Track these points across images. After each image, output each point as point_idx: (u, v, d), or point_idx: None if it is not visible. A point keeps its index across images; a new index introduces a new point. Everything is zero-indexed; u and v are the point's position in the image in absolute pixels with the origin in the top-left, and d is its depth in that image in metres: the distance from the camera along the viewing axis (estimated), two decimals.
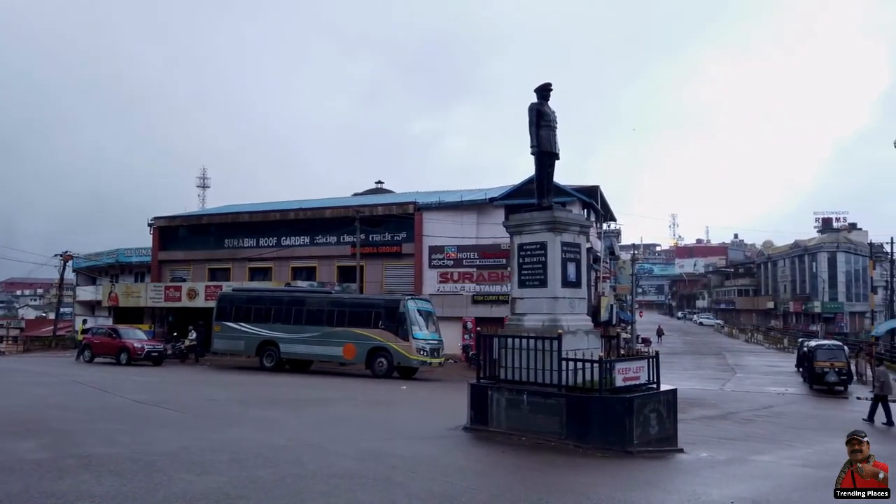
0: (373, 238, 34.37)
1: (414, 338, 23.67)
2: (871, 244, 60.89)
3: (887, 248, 48.15)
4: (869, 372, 25.29)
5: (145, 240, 41.67)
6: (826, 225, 77.67)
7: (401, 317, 23.91)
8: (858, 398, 22.67)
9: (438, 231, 33.12)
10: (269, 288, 30.91)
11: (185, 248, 39.14)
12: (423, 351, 23.78)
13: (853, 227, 77.02)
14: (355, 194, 47.09)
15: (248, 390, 18.22)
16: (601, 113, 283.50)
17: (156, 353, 26.93)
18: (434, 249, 33.39)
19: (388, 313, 24.27)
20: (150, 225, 39.94)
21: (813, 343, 31.54)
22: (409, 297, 25.74)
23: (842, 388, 25.91)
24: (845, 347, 30.73)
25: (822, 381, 26.18)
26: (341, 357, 24.76)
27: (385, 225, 34.74)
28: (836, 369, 26.24)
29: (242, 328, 26.15)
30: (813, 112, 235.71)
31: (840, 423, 18.27)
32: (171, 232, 40.01)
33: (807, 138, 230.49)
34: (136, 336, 27.99)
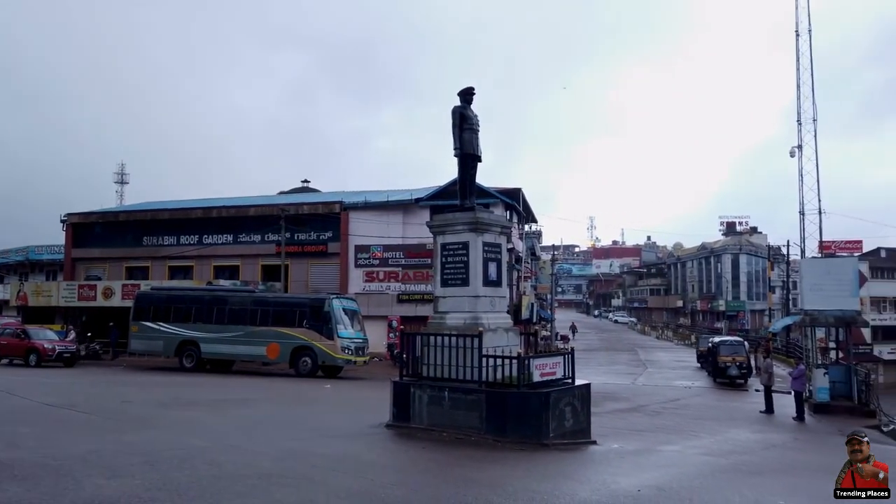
0: (298, 237, 33.78)
1: (339, 337, 23.40)
2: (769, 247, 64.52)
3: (784, 251, 51.08)
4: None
5: (58, 237, 39.52)
6: (730, 228, 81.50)
7: (326, 316, 23.60)
8: (757, 390, 23.96)
9: (364, 231, 32.90)
10: (190, 287, 29.87)
11: (100, 246, 37.28)
12: (348, 350, 23.55)
13: (754, 230, 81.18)
14: (281, 193, 46.13)
15: (166, 391, 17.52)
16: (525, 117, 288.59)
17: (68, 355, 25.53)
18: (360, 249, 33.16)
19: (313, 312, 23.91)
20: (63, 221, 37.84)
21: (716, 339, 33.12)
22: (335, 296, 25.45)
23: (742, 381, 27.31)
24: (746, 343, 32.42)
25: (724, 375, 27.53)
26: (265, 357, 24.22)
27: (311, 224, 34.21)
28: (738, 363, 27.67)
29: (161, 328, 25.17)
30: (723, 121, 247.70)
31: (740, 413, 19.32)
32: (86, 229, 38.05)
33: (716, 146, 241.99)
34: (47, 336, 26.46)
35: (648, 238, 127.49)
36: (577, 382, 11.22)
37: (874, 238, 69.96)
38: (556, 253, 62.05)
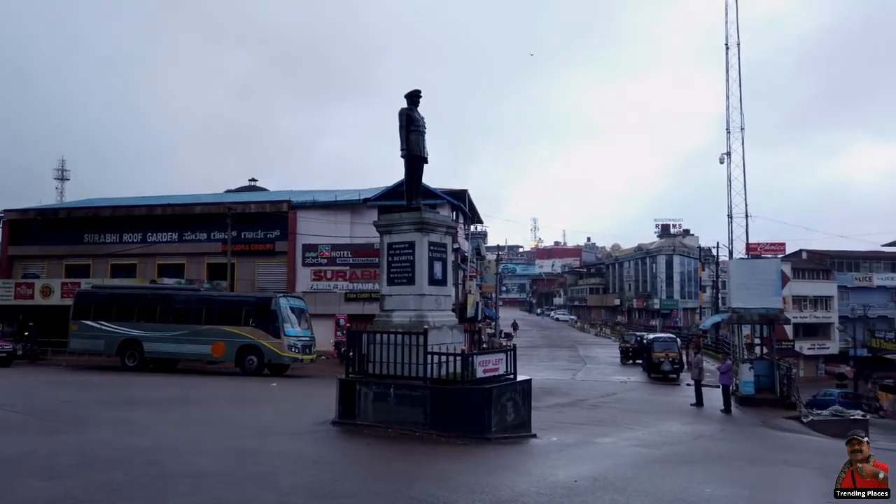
0: (245, 236, 33.09)
1: (286, 335, 23.04)
2: (700, 248, 66.70)
3: (714, 252, 52.88)
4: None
5: None
6: (664, 230, 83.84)
7: (272, 314, 23.20)
8: (688, 384, 24.74)
9: (312, 230, 32.51)
10: (133, 285, 28.90)
11: (39, 244, 35.63)
12: (295, 348, 23.21)
13: (687, 232, 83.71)
14: (228, 191, 45.08)
15: (107, 391, 16.90)
16: (475, 120, 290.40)
17: (3, 354, 24.34)
18: (308, 248, 32.75)
19: (260, 311, 23.48)
20: None
21: (651, 336, 34.04)
22: (282, 294, 25.03)
23: (675, 376, 28.16)
24: (678, 340, 33.44)
25: (658, 370, 28.33)
26: (210, 355, 23.63)
27: (258, 223, 33.57)
28: (670, 359, 28.53)
29: (102, 327, 24.25)
30: (660, 128, 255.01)
31: (672, 406, 19.91)
32: (23, 226, 36.30)
33: (655, 152, 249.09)
34: None
35: (588, 239, 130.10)
36: (519, 378, 11.35)
37: (797, 241, 73.02)
38: (500, 253, 62.77)
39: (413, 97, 11.76)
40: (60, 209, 39.07)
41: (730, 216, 31.73)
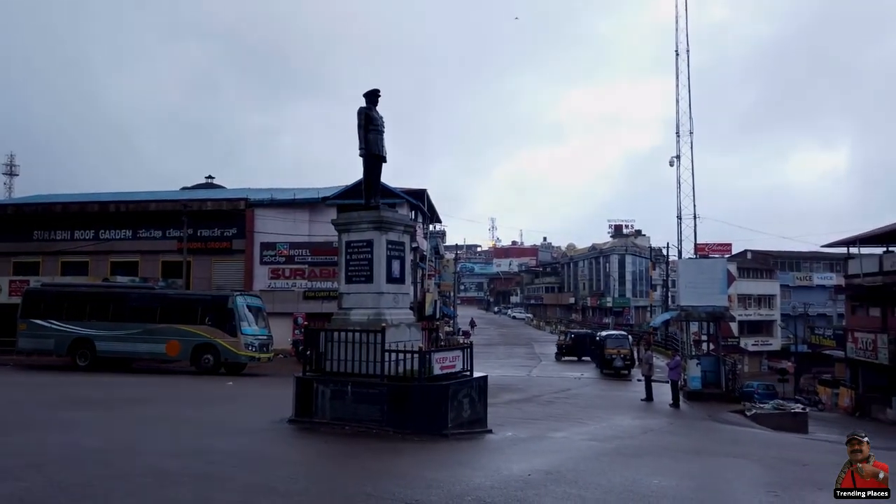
0: (201, 233, 32.39)
1: (242, 333, 22.68)
2: (651, 248, 68.06)
3: (665, 252, 54.07)
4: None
5: None
6: (617, 231, 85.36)
7: (229, 313, 22.81)
8: (639, 380, 25.28)
9: (270, 228, 32.05)
10: (85, 283, 28.02)
11: None
12: (252, 346, 22.86)
13: (638, 233, 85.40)
14: (184, 188, 44.03)
15: (57, 391, 16.34)
16: (436, 121, 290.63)
17: None
18: (266, 246, 32.27)
19: (216, 309, 23.06)
20: None
21: (604, 333, 34.60)
22: (239, 293, 24.63)
23: (626, 372, 28.72)
24: (629, 337, 34.10)
25: (610, 366, 28.85)
26: (164, 354, 23.07)
27: (215, 221, 32.87)
28: (622, 356, 29.07)
29: (52, 326, 23.43)
30: (615, 130, 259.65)
31: (623, 401, 20.29)
32: None
33: (610, 153, 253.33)
34: None
35: (545, 239, 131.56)
36: (476, 375, 11.40)
37: (743, 241, 75.27)
38: (459, 252, 62.92)
39: (372, 96, 11.71)
40: (9, 205, 37.55)
41: (679, 217, 32.56)
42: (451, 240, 71.48)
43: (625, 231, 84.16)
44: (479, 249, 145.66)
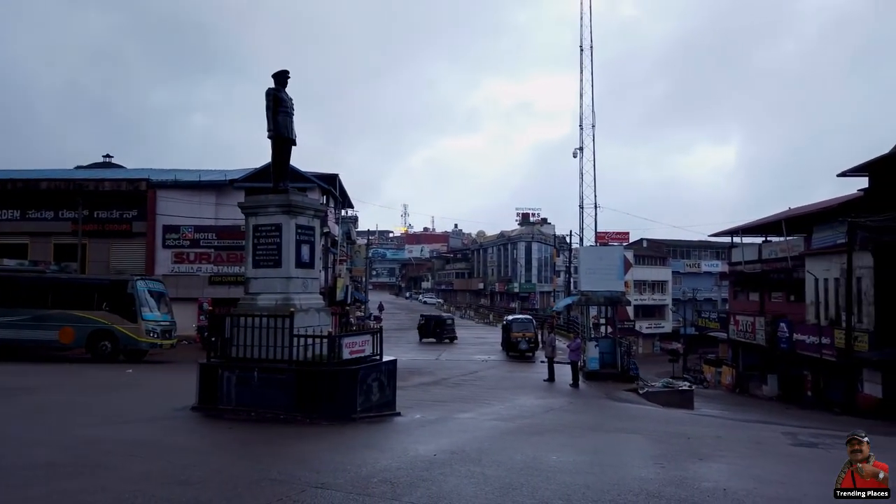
0: (98, 215, 30.48)
1: (143, 319, 21.59)
2: (555, 236, 70.26)
3: (568, 240, 55.93)
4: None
5: None
6: (524, 219, 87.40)
7: (129, 298, 21.62)
8: (542, 362, 26.13)
9: (175, 210, 30.56)
10: None
11: None
12: (154, 333, 21.81)
13: (545, 221, 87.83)
14: (79, 167, 41.17)
15: None
16: (351, 106, 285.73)
17: None
18: (169, 229, 30.79)
19: (115, 294, 21.81)
20: None
21: (510, 317, 35.45)
22: (140, 277, 23.40)
23: (530, 354, 29.59)
24: (534, 321, 35.12)
25: (516, 349, 29.63)
26: (57, 341, 21.57)
27: (113, 202, 31.00)
28: (527, 339, 29.92)
29: None
30: (526, 121, 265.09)
31: (527, 382, 20.91)
32: None
33: (523, 142, 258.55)
34: None
35: (456, 226, 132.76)
36: (385, 359, 11.40)
37: (643, 230, 79.12)
38: (371, 238, 62.40)
39: (281, 77, 11.36)
40: None
41: (581, 207, 33.75)
42: (363, 225, 70.72)
43: (532, 219, 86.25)
44: (391, 235, 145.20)
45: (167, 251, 30.78)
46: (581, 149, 33.53)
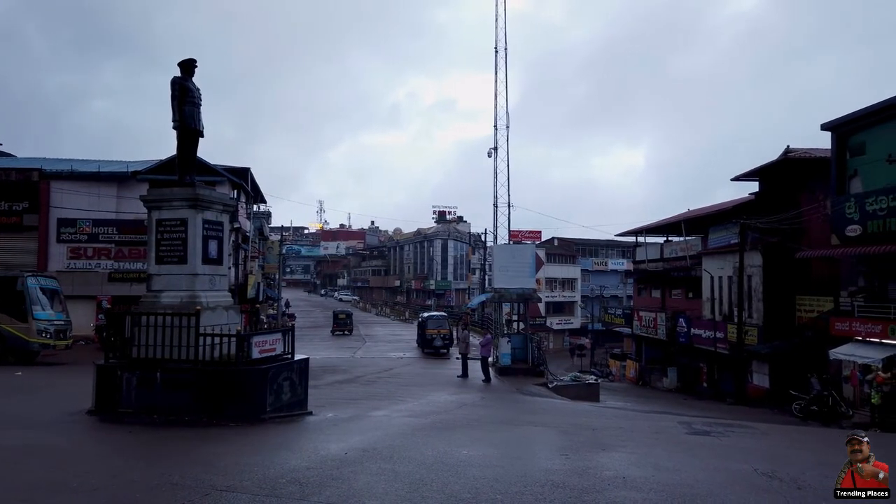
0: None
1: (35, 318, 20.18)
2: (471, 234, 71.18)
3: (483, 238, 56.83)
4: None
5: None
6: (441, 217, 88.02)
7: (18, 295, 20.16)
8: (457, 358, 26.44)
9: (71, 203, 28.74)
10: None
11: None
12: (47, 333, 20.41)
13: (460, 219, 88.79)
14: None
15: None
16: (267, 98, 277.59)
17: None
18: (64, 223, 28.91)
19: (3, 292, 20.25)
20: None
21: (425, 314, 35.63)
22: (30, 273, 21.82)
23: (445, 351, 29.88)
24: (449, 318, 35.45)
25: (431, 346, 29.82)
26: None
27: (1, 193, 28.76)
28: (442, 336, 30.17)
29: None
30: (445, 120, 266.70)
31: (441, 378, 21.08)
32: None
33: (443, 141, 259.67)
34: None
35: (372, 223, 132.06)
36: (297, 357, 11.16)
37: (555, 229, 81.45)
38: (285, 234, 60.94)
39: (188, 66, 10.88)
40: None
41: (495, 205, 34.35)
42: (278, 221, 69.09)
43: (448, 217, 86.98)
44: (306, 232, 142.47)
45: (62, 246, 28.90)
46: (496, 149, 34.12)
